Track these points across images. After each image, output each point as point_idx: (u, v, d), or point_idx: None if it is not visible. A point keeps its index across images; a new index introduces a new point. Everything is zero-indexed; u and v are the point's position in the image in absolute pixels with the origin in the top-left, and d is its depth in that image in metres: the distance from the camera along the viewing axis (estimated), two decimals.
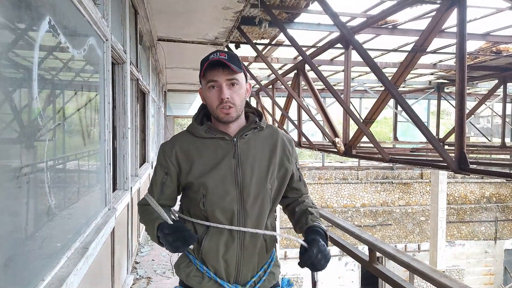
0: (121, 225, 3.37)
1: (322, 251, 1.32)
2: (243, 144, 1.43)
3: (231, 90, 1.36)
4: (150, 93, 6.49)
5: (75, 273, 1.62)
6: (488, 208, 15.73)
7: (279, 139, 1.49)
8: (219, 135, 1.41)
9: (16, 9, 1.28)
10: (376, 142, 5.36)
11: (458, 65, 3.70)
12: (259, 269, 1.46)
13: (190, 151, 1.43)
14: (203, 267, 1.41)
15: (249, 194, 1.39)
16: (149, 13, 4.78)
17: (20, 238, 1.33)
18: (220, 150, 1.41)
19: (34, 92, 1.41)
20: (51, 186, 1.59)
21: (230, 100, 1.36)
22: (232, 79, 1.36)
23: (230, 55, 1.37)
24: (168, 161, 1.44)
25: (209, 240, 1.39)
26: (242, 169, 1.39)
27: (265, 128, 1.49)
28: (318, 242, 1.34)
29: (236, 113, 1.39)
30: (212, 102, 1.38)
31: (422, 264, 2.14)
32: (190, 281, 1.44)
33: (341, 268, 14.49)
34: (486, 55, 9.11)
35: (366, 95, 15.48)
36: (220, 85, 1.35)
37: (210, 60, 1.34)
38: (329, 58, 9.73)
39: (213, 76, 1.35)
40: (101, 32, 2.46)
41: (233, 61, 1.35)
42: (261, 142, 1.46)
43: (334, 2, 9.35)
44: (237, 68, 1.34)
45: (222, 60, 1.32)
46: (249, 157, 1.41)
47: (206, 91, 1.39)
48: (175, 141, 1.48)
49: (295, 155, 1.54)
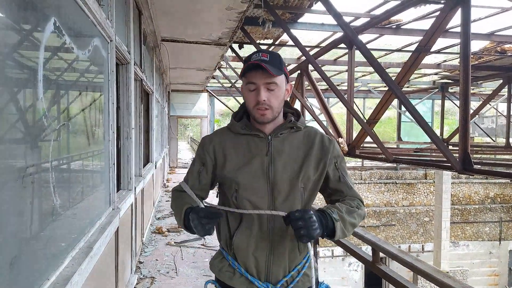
0: (125, 225, 3.39)
1: (304, 218, 1.24)
2: (278, 142, 1.44)
3: (269, 93, 1.38)
4: (154, 94, 6.51)
5: (80, 273, 1.63)
6: (492, 209, 15.65)
7: (317, 138, 1.48)
8: (254, 132, 1.44)
9: (22, 10, 1.29)
10: (379, 142, 5.35)
11: (462, 65, 3.68)
12: (292, 269, 1.44)
13: (226, 145, 1.47)
14: (234, 263, 1.43)
15: (280, 192, 1.40)
16: (153, 13, 4.80)
17: (25, 237, 1.34)
18: (254, 147, 1.44)
19: (39, 92, 1.42)
20: (56, 186, 1.60)
21: (267, 102, 1.37)
22: (271, 83, 1.37)
23: (272, 56, 1.38)
24: (206, 153, 1.49)
25: (239, 236, 1.42)
26: (274, 167, 1.41)
27: (303, 129, 1.49)
28: (306, 212, 1.26)
29: (272, 115, 1.41)
30: (249, 102, 1.41)
31: (425, 264, 2.14)
32: (222, 276, 1.47)
33: (344, 269, 14.47)
34: (491, 55, 9.07)
35: (370, 95, 15.46)
36: (258, 87, 1.37)
37: (250, 61, 1.36)
38: (332, 58, 9.73)
39: (252, 78, 1.37)
40: (105, 33, 2.47)
41: (274, 63, 1.36)
42: (297, 142, 1.46)
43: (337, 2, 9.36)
44: (277, 71, 1.35)
45: (261, 64, 1.32)
46: (282, 155, 1.42)
47: (245, 90, 1.41)
48: (214, 135, 1.53)
49: (336, 155, 1.49)
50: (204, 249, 5.19)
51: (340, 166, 1.49)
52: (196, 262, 4.66)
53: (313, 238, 1.25)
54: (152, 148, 6.52)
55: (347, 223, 1.37)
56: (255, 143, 1.44)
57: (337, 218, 1.33)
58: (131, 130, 3.63)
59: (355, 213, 1.41)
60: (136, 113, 4.35)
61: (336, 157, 1.49)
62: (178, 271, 4.35)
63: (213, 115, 16.75)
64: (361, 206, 1.46)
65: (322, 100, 7.47)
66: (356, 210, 1.42)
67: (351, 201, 1.46)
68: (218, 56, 7.68)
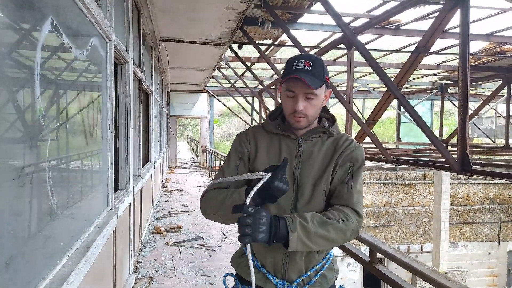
0: (123, 225, 3.39)
1: (255, 218, 1.21)
2: (308, 145, 1.45)
3: (307, 102, 1.38)
4: (153, 93, 6.51)
5: (76, 272, 1.63)
6: (491, 210, 15.66)
7: (345, 143, 1.46)
8: (287, 133, 1.46)
9: (19, 10, 1.29)
10: (378, 142, 5.35)
11: (461, 65, 3.69)
12: (309, 269, 1.44)
13: (259, 142, 1.49)
14: (253, 259, 1.44)
15: (303, 194, 1.41)
16: (152, 13, 4.80)
17: (22, 237, 1.34)
18: (285, 147, 1.46)
19: (37, 92, 1.42)
20: (53, 186, 1.60)
21: (304, 112, 1.38)
22: (310, 93, 1.36)
23: (314, 65, 1.35)
24: (244, 145, 1.51)
25: None
26: (301, 169, 1.43)
27: (336, 135, 1.49)
28: (260, 212, 1.23)
29: (307, 123, 1.42)
30: (286, 108, 1.41)
31: (422, 265, 2.14)
32: (241, 270, 1.51)
33: (343, 269, 14.47)
34: (490, 56, 9.09)
35: (369, 95, 15.47)
36: (297, 96, 1.37)
37: (293, 69, 1.34)
38: (332, 59, 9.73)
39: (291, 86, 1.37)
40: (104, 33, 2.47)
41: (316, 73, 1.34)
42: (326, 147, 1.46)
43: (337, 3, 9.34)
44: (318, 83, 1.34)
45: (301, 79, 1.30)
46: (310, 159, 1.44)
47: (284, 95, 1.41)
48: (249, 130, 1.56)
49: (354, 158, 1.43)
50: (202, 249, 5.19)
51: (354, 172, 1.42)
52: (195, 262, 4.66)
53: (255, 240, 1.21)
54: (151, 148, 6.52)
55: (314, 235, 1.27)
56: (286, 144, 1.46)
57: (293, 228, 1.25)
58: (130, 130, 3.63)
59: (330, 225, 1.30)
60: (135, 113, 4.35)
61: (353, 161, 1.43)
62: (176, 271, 4.35)
63: (213, 115, 16.75)
64: (347, 220, 1.33)
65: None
66: (334, 222, 1.31)
67: (337, 211, 1.35)
68: (218, 56, 7.69)
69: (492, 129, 21.46)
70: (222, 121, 39.86)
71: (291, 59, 1.39)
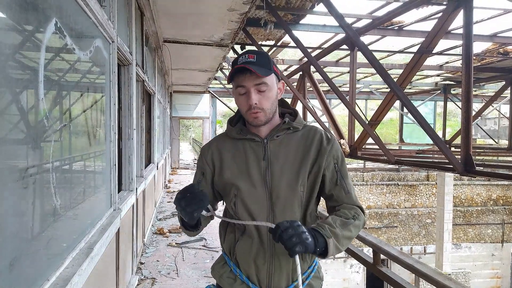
0: (126, 226, 3.39)
1: (293, 227, 1.15)
2: (274, 145, 1.39)
3: (260, 95, 1.33)
4: (156, 94, 6.52)
5: (80, 273, 1.63)
6: (495, 211, 15.60)
7: (316, 137, 1.40)
8: (250, 136, 1.40)
9: (23, 11, 1.29)
10: (381, 143, 5.34)
11: (464, 66, 3.68)
12: (295, 279, 1.37)
13: (224, 151, 1.44)
14: (236, 270, 1.40)
15: (279, 197, 1.35)
16: (155, 15, 4.81)
17: (26, 238, 1.35)
18: (251, 152, 1.40)
19: (40, 93, 1.42)
20: (57, 187, 1.60)
21: (258, 106, 1.33)
22: (260, 84, 1.31)
23: (259, 57, 1.32)
24: (204, 162, 1.47)
25: (242, 243, 1.39)
26: (271, 171, 1.36)
27: (302, 129, 1.43)
28: (293, 221, 1.18)
29: (266, 117, 1.36)
30: (241, 107, 1.37)
31: (425, 266, 2.13)
32: (223, 282, 1.43)
33: (346, 270, 14.44)
34: (493, 57, 9.06)
35: (372, 96, 15.43)
36: (248, 90, 1.32)
37: (237, 65, 1.31)
38: (334, 60, 9.72)
39: (240, 81, 1.32)
40: (107, 34, 2.47)
41: (262, 63, 1.31)
42: (295, 143, 1.40)
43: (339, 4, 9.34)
44: (265, 72, 1.30)
45: (247, 67, 1.27)
46: (279, 159, 1.37)
47: (236, 95, 1.37)
48: (211, 142, 1.51)
49: (335, 156, 1.40)
50: (205, 250, 5.19)
51: (340, 168, 1.40)
52: (197, 263, 4.66)
53: (308, 247, 1.14)
54: (154, 149, 6.52)
55: (341, 237, 1.27)
56: (251, 147, 1.40)
57: (328, 235, 1.23)
58: (133, 131, 3.64)
59: (350, 225, 1.31)
60: (138, 114, 4.35)
61: (335, 158, 1.40)
62: (179, 272, 4.35)
63: (215, 116, 16.75)
64: (358, 216, 1.36)
65: (324, 102, 7.47)
66: (352, 221, 1.32)
67: (347, 210, 1.36)
68: (220, 57, 7.69)
69: (495, 130, 21.38)
70: (225, 121, 39.90)
71: (235, 59, 1.35)
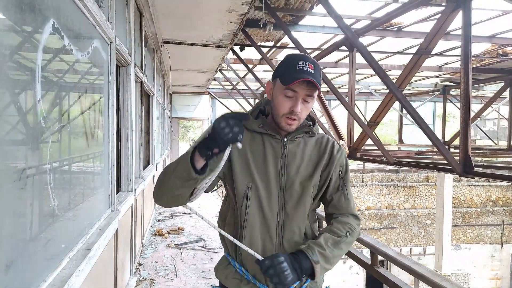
0: (125, 227, 3.39)
1: (274, 266, 1.22)
2: (293, 146, 1.42)
3: (304, 105, 1.34)
4: (155, 95, 6.52)
5: (77, 274, 1.62)
6: (494, 212, 15.59)
7: (329, 145, 1.47)
8: (271, 132, 1.40)
9: (21, 12, 1.29)
10: (380, 144, 5.34)
11: (463, 67, 3.68)
12: None
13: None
14: (242, 269, 1.40)
15: (292, 196, 1.39)
16: (154, 15, 4.81)
17: (23, 239, 1.34)
18: (270, 147, 1.41)
19: (38, 94, 1.42)
20: (54, 188, 1.60)
21: (299, 115, 1.34)
22: (310, 95, 1.33)
23: (316, 68, 1.31)
24: None
25: (247, 242, 1.37)
26: (287, 170, 1.39)
27: (316, 135, 1.49)
28: (276, 257, 1.24)
29: (297, 126, 1.39)
30: (281, 108, 1.34)
31: (423, 267, 2.13)
32: (229, 283, 1.43)
33: (345, 271, 14.42)
34: (492, 58, 9.06)
35: (371, 97, 15.44)
36: (297, 97, 1.32)
37: (297, 70, 1.28)
38: (333, 61, 9.72)
39: (295, 86, 1.30)
40: (105, 35, 2.47)
41: (317, 76, 1.31)
42: (310, 147, 1.45)
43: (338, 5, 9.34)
44: (319, 84, 1.31)
45: (310, 79, 1.26)
46: (296, 159, 1.41)
47: (280, 94, 1.34)
48: None
49: (342, 163, 1.47)
50: (204, 251, 5.19)
51: (344, 176, 1.47)
52: (196, 265, 4.65)
53: (289, 284, 1.22)
54: (153, 150, 6.52)
55: (331, 258, 1.33)
56: (270, 143, 1.41)
57: (316, 260, 1.29)
58: (131, 131, 3.64)
59: (342, 243, 1.37)
60: (137, 115, 4.35)
61: (341, 166, 1.47)
62: (177, 273, 4.34)
63: (215, 117, 16.72)
64: (352, 232, 1.41)
65: (323, 103, 7.47)
66: (344, 239, 1.38)
67: (341, 225, 1.41)
68: (220, 58, 7.69)
69: (494, 131, 21.40)
70: None
71: (291, 59, 1.33)
